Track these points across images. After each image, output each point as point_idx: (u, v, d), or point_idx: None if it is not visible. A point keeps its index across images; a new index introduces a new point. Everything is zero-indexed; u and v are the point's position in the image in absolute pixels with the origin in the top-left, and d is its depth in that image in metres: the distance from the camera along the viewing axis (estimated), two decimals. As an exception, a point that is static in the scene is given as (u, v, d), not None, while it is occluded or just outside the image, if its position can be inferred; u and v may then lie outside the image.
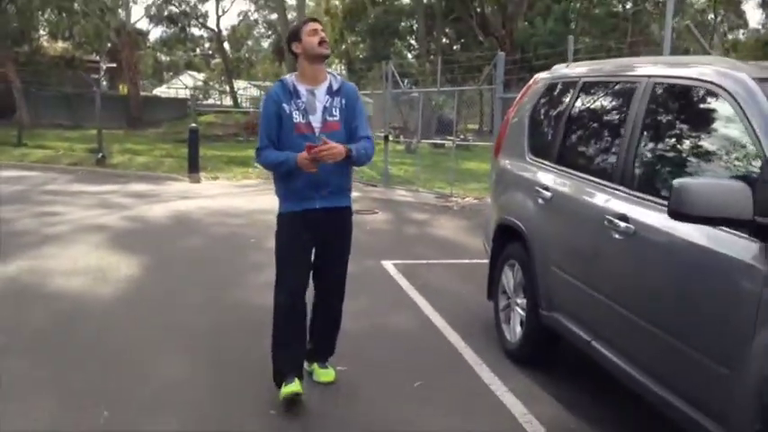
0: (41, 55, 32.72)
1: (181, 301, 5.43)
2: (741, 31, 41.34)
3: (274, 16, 39.76)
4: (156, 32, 50.17)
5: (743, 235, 2.44)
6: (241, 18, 48.12)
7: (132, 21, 34.17)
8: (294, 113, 3.52)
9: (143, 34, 42.05)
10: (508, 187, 4.58)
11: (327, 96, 3.58)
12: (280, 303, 3.62)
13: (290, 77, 3.65)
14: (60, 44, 35.75)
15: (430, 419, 3.52)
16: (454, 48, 35.41)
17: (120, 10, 33.30)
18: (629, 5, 21.12)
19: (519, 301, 4.28)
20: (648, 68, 3.40)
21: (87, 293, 5.54)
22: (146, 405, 3.58)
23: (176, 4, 39.15)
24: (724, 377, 2.43)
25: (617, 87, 3.66)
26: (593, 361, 3.45)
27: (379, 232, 8.78)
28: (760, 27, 38.88)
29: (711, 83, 2.84)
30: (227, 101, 42.44)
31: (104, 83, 39.55)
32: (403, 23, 33.10)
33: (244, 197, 11.76)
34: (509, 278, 4.42)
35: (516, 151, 4.61)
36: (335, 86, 3.61)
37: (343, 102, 3.61)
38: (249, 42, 52.61)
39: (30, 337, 4.54)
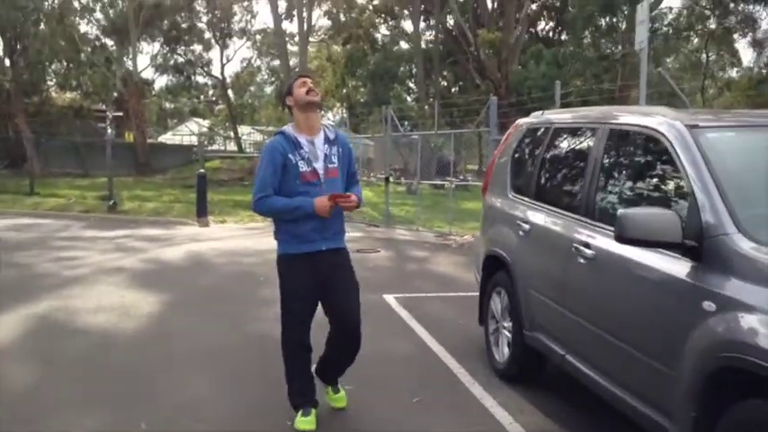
0: (50, 105, 33.66)
1: (201, 333, 5.92)
2: (735, 69, 42.01)
3: (277, 62, 40.83)
4: (160, 81, 51.54)
5: (676, 255, 2.95)
6: (245, 65, 49.23)
7: (139, 70, 35.20)
8: (299, 163, 3.79)
9: (148, 83, 43.16)
10: (494, 222, 5.10)
11: (326, 145, 3.88)
12: (287, 341, 3.97)
13: (289, 129, 3.89)
14: (68, 94, 36.76)
15: (426, 428, 3.99)
16: (452, 90, 36.37)
17: (126, 60, 34.38)
18: (618, 48, 21.91)
19: (506, 324, 4.76)
20: (606, 117, 3.97)
21: (114, 328, 6.04)
22: (177, 419, 4.05)
23: (182, 53, 40.25)
24: (670, 378, 2.90)
25: (581, 133, 4.22)
26: (576, 377, 3.91)
27: (381, 269, 9.27)
28: (753, 65, 39.56)
29: (653, 129, 3.39)
30: (231, 146, 43.29)
31: (111, 131, 40.55)
32: (402, 68, 34.10)
33: (251, 239, 12.27)
34: (497, 304, 4.92)
35: (501, 189, 5.15)
36: (331, 136, 3.92)
37: (340, 150, 3.93)
38: (252, 88, 53.70)
39: (66, 366, 5.03)
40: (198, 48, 39.91)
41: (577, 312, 3.73)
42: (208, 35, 39.26)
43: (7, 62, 29.15)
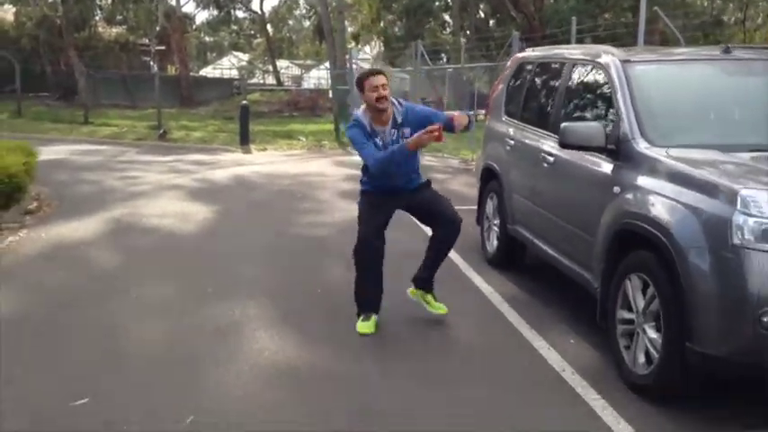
0: (98, 40, 34.93)
1: (248, 232, 7.21)
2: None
3: (315, -4, 41.25)
4: (201, 16, 52.46)
5: (602, 156, 3.99)
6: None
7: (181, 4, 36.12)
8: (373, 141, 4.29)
9: (190, 18, 44.10)
10: (490, 140, 6.14)
11: (393, 130, 4.28)
12: (363, 247, 4.45)
13: (362, 118, 4.27)
14: (115, 29, 37.95)
15: (425, 296, 5.17)
16: (490, 23, 36.46)
17: (168, -6, 35.28)
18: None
19: (495, 222, 5.87)
20: (571, 54, 4.95)
21: (178, 228, 7.34)
22: (233, 285, 5.31)
23: (222, -14, 40.95)
24: (591, 243, 3.99)
25: (554, 67, 5.19)
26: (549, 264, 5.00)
27: (405, 189, 10.40)
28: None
29: (599, 63, 4.37)
30: (270, 79, 44.29)
31: (154, 64, 41.88)
32: (438, 2, 34.31)
33: (290, 164, 13.48)
34: (489, 207, 6.02)
35: (497, 113, 6.16)
36: (399, 119, 4.27)
37: (407, 131, 4.25)
38: (291, 22, 54.19)
39: (143, 253, 6.33)
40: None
41: (541, 205, 4.82)
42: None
43: (58, -1, 30.34)
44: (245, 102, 17.09)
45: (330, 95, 25.20)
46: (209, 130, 20.47)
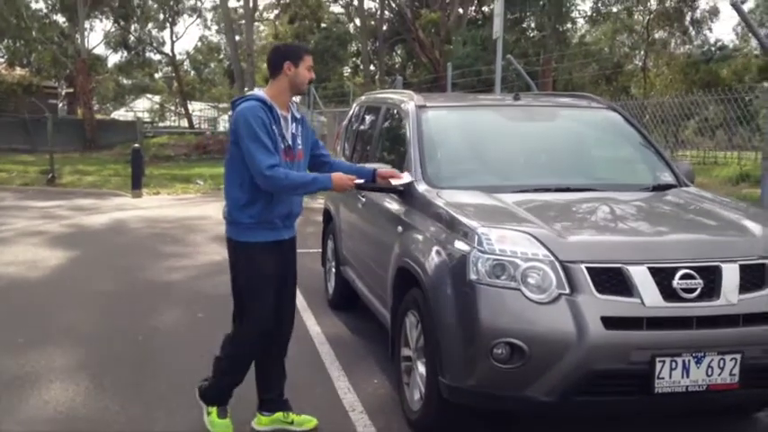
0: (-1, 82, 33.83)
1: (97, 279, 7.00)
2: (687, 46, 42.79)
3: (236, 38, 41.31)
4: (115, 57, 51.47)
5: (396, 198, 4.07)
6: (199, 42, 49.53)
7: (92, 46, 35.50)
8: (278, 138, 3.36)
9: (101, 60, 43.32)
10: (330, 182, 6.21)
11: (293, 124, 3.48)
12: (257, 332, 3.49)
13: (267, 98, 3.37)
14: (18, 71, 36.83)
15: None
16: (406, 68, 37.42)
17: (77, 36, 34.58)
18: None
19: (333, 263, 5.90)
20: (385, 99, 5.11)
21: (20, 277, 7.05)
22: (51, 335, 5.12)
23: (132, 30, 40.51)
24: (385, 279, 4.05)
25: (375, 111, 5.33)
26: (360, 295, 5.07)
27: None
28: (701, 44, 40.51)
29: (401, 108, 4.52)
30: (184, 122, 43.78)
31: (64, 107, 40.77)
32: (352, 47, 35.04)
33: (177, 208, 13.24)
34: (328, 248, 6.05)
35: (340, 155, 6.25)
36: (297, 115, 3.53)
37: (305, 132, 3.57)
38: (212, 65, 53.94)
39: (-29, 303, 6.05)
40: (149, 25, 40.27)
41: (358, 245, 4.89)
42: (156, 12, 39.55)
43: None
44: (136, 145, 16.78)
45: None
46: (105, 174, 19.94)
